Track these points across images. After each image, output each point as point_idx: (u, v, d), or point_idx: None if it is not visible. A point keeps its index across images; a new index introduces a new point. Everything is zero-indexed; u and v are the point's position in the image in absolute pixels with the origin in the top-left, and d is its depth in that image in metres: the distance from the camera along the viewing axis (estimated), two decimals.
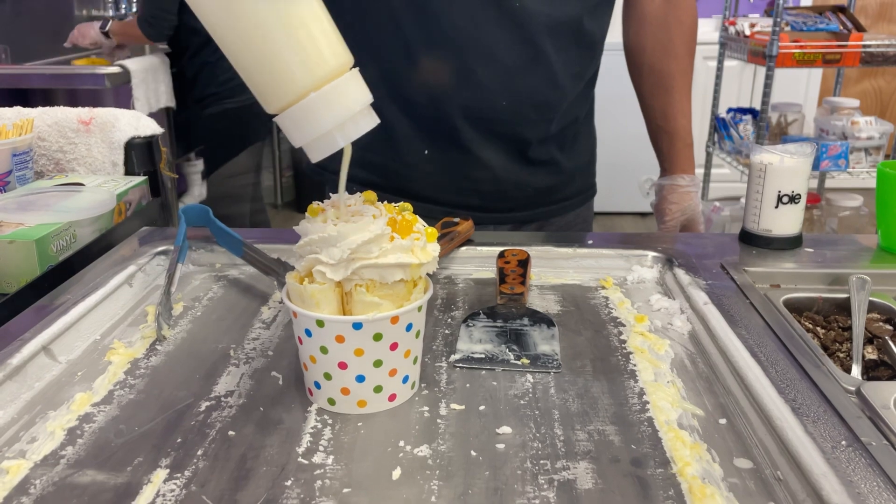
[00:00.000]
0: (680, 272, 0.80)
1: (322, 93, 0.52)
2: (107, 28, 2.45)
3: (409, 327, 0.58)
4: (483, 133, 0.96)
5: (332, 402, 0.58)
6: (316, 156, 0.55)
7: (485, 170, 0.98)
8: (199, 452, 0.53)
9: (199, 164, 3.15)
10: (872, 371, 0.67)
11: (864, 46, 2.20)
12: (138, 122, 1.10)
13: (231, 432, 0.56)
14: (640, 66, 1.07)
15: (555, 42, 0.92)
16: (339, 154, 0.57)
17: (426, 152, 0.97)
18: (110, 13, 3.02)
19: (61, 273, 0.79)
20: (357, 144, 0.56)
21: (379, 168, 0.99)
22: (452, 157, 0.97)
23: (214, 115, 2.52)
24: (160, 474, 0.51)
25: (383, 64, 0.94)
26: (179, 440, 0.55)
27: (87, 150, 1.08)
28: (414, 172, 0.99)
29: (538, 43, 0.91)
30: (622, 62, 1.08)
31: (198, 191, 3.15)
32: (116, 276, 0.79)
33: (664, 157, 1.09)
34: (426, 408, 0.59)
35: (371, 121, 0.56)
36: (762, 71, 2.23)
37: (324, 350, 0.57)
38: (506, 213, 1.03)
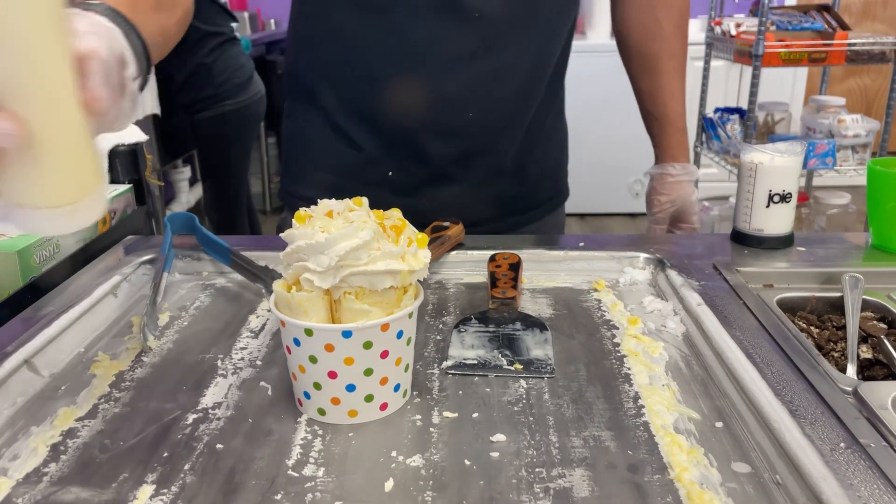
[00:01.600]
0: (672, 273, 0.79)
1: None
2: None
3: (399, 334, 0.57)
4: (450, 147, 0.93)
5: (322, 412, 0.57)
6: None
7: (451, 185, 0.96)
8: (187, 467, 0.52)
9: (186, 171, 3.11)
10: (868, 370, 0.67)
11: (849, 45, 2.21)
12: (122, 130, 1.08)
13: (219, 445, 0.55)
14: (627, 49, 1.05)
15: (518, 46, 0.89)
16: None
17: (390, 174, 0.95)
18: None
19: (44, 284, 0.78)
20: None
21: (343, 192, 0.96)
22: (418, 176, 0.95)
23: (212, 119, 2.45)
24: (146, 490, 0.50)
25: (345, 88, 0.91)
26: (166, 454, 0.54)
27: None
28: (377, 194, 0.96)
29: (500, 51, 0.88)
30: (611, 63, 1.07)
31: (185, 198, 3.11)
32: (101, 287, 0.77)
33: (656, 144, 1.06)
34: (418, 416, 0.58)
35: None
36: (748, 70, 2.24)
37: (313, 359, 0.55)
38: (471, 227, 0.98)
